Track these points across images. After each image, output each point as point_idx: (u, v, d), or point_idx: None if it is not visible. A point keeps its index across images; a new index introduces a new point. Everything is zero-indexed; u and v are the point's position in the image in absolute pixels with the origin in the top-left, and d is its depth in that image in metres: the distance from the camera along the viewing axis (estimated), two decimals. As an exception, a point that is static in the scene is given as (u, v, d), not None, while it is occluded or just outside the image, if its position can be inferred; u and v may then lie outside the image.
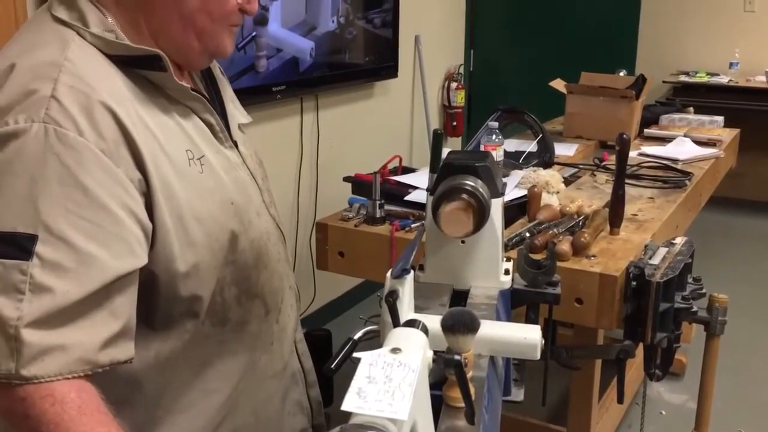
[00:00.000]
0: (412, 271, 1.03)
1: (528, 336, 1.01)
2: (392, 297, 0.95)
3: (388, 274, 1.02)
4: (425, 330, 0.75)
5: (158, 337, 1.01)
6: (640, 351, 1.65)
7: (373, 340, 1.03)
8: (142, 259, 0.92)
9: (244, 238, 1.07)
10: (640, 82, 2.95)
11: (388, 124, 3.75)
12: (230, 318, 1.08)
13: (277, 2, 2.74)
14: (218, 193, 1.03)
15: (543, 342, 1.03)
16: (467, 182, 1.19)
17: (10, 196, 0.85)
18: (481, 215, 1.18)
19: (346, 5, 3.18)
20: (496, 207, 1.24)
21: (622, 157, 1.81)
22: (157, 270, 0.96)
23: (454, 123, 4.27)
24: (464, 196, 1.17)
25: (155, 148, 0.95)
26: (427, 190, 1.31)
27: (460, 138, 4.38)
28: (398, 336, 0.71)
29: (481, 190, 1.19)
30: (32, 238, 0.83)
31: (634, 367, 2.05)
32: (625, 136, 1.79)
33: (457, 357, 0.72)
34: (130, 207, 0.90)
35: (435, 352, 0.76)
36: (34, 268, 0.83)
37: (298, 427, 1.26)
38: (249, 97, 2.69)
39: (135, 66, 0.97)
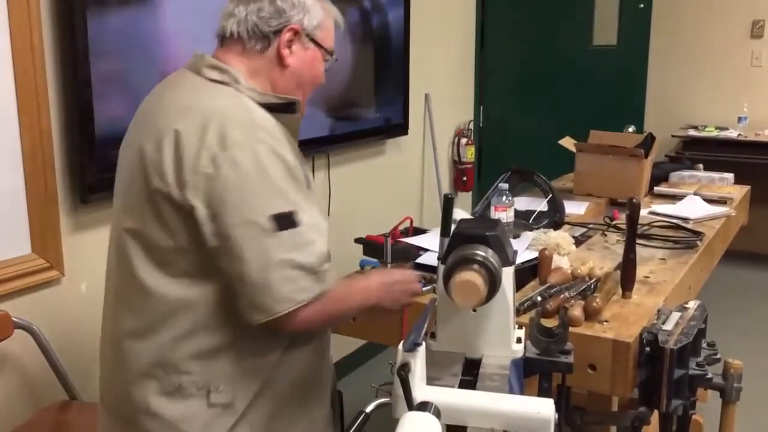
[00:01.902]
0: (423, 343, 1.03)
1: (541, 411, 1.00)
2: (404, 370, 0.95)
3: (400, 346, 1.02)
4: (437, 413, 0.75)
5: None
6: (655, 416, 1.63)
7: (385, 410, 1.03)
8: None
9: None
10: (649, 141, 2.96)
11: (399, 182, 3.78)
12: None
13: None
14: (319, 206, 1.39)
15: (556, 416, 1.02)
16: (478, 252, 1.20)
17: (264, 189, 1.23)
18: (492, 285, 1.18)
19: (357, 63, 3.24)
20: (507, 276, 1.25)
21: (633, 221, 1.81)
22: None
23: (465, 178, 4.29)
24: (475, 266, 1.18)
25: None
26: (438, 258, 1.32)
27: (470, 193, 4.40)
28: (411, 422, 0.71)
29: (491, 259, 1.20)
30: (293, 213, 1.24)
31: None
32: (635, 200, 1.80)
33: (470, 443, 0.72)
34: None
35: (447, 435, 0.76)
36: (305, 230, 1.25)
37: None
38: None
39: (275, 111, 1.33)
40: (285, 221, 1.22)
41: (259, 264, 1.21)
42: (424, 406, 0.74)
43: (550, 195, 2.49)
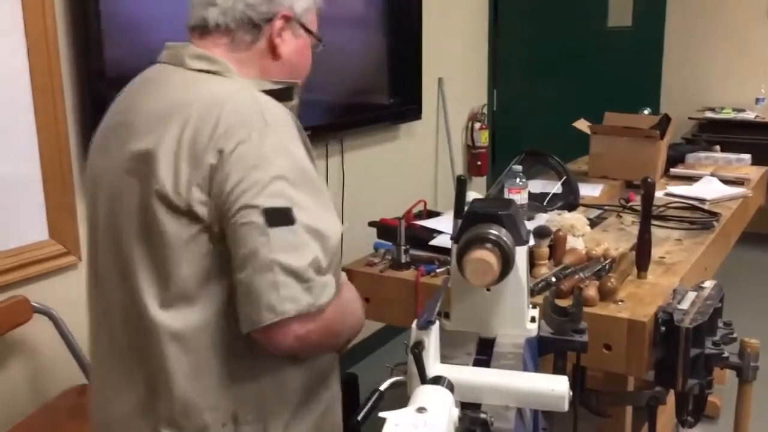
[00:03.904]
0: (437, 321, 1.03)
1: (555, 387, 1.00)
2: (418, 348, 0.95)
3: (414, 324, 1.02)
4: (451, 387, 0.75)
5: None
6: (671, 396, 1.62)
7: (400, 389, 1.03)
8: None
9: None
10: (665, 122, 2.94)
11: (413, 166, 3.77)
12: None
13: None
14: None
15: (571, 393, 1.02)
16: (491, 231, 1.19)
17: (262, 182, 1.09)
18: (505, 264, 1.18)
19: (370, 49, 3.24)
20: (521, 254, 1.24)
21: (648, 200, 1.80)
22: None
23: (479, 163, 4.28)
24: (488, 245, 1.17)
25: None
26: (452, 238, 1.32)
27: (484, 177, 4.39)
28: (424, 394, 0.71)
29: (505, 238, 1.19)
30: (290, 210, 1.09)
31: (666, 413, 2.01)
32: (649, 179, 1.79)
33: (483, 415, 0.72)
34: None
35: (462, 409, 0.76)
36: (300, 230, 1.08)
37: None
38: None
39: (274, 98, 1.21)
40: (277, 217, 1.08)
41: (243, 263, 1.08)
42: (437, 380, 0.74)
43: (565, 177, 2.48)
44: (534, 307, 1.33)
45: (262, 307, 1.06)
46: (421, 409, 0.66)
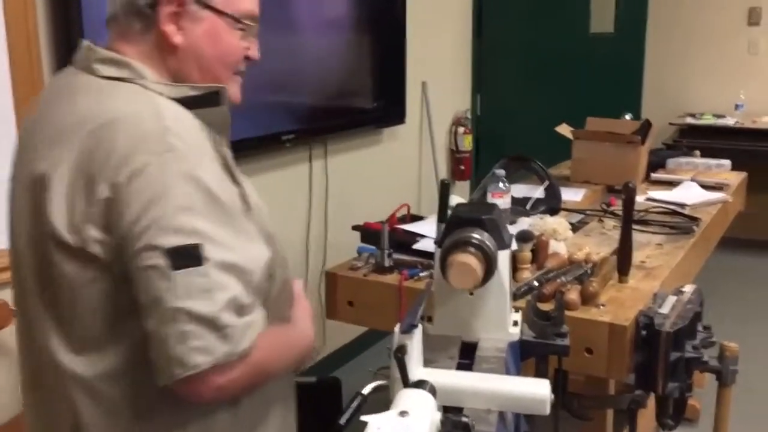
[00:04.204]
0: (420, 325, 1.04)
1: (537, 391, 1.01)
2: (401, 352, 0.95)
3: (397, 328, 1.03)
4: (433, 391, 0.75)
5: None
6: (652, 400, 1.64)
7: (382, 393, 1.04)
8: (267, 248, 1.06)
9: (276, 247, 1.15)
10: (646, 127, 2.97)
11: (397, 170, 3.78)
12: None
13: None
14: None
15: (552, 397, 1.02)
16: (474, 235, 1.20)
17: (163, 217, 0.95)
18: (488, 267, 1.19)
19: (354, 52, 3.24)
20: (504, 259, 1.25)
21: (629, 205, 1.82)
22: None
23: (462, 167, 4.29)
24: (471, 248, 1.18)
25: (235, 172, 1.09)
26: (435, 242, 1.32)
27: (468, 182, 4.40)
28: (406, 398, 0.71)
29: (487, 242, 1.20)
30: (196, 247, 0.95)
31: (647, 416, 2.03)
32: (630, 184, 1.80)
33: (464, 419, 0.72)
34: (243, 210, 1.05)
35: (444, 413, 0.77)
36: (209, 269, 0.95)
37: None
38: (258, 145, 2.73)
39: (195, 106, 1.06)
40: (183, 257, 0.94)
41: (148, 312, 0.96)
42: (419, 384, 0.75)
43: (547, 182, 2.50)
44: (516, 311, 1.34)
45: (172, 360, 0.95)
46: (403, 413, 0.66)
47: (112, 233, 0.97)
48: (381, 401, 0.97)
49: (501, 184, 2.21)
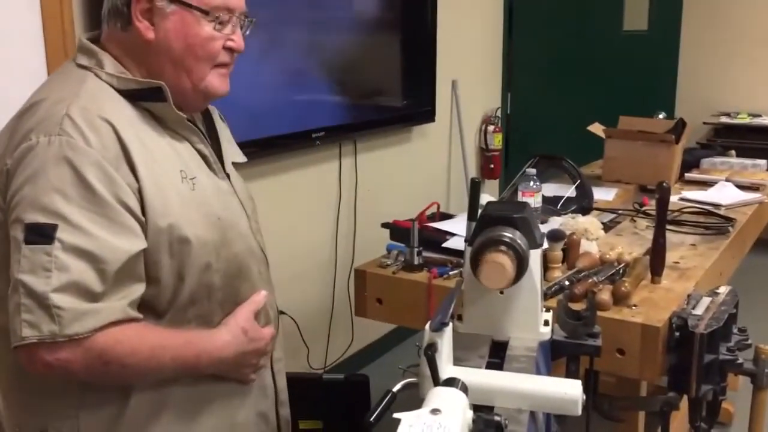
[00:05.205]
0: (450, 324, 1.03)
1: (568, 391, 1.00)
2: (431, 350, 0.95)
3: (427, 326, 1.02)
4: (465, 389, 0.75)
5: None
6: (685, 402, 1.61)
7: (412, 391, 1.03)
8: (144, 243, 1.08)
9: (226, 250, 1.20)
10: (680, 126, 2.92)
11: (426, 169, 3.77)
12: (214, 321, 1.21)
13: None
14: (205, 207, 1.18)
15: (584, 397, 1.01)
16: (506, 234, 1.19)
17: (34, 194, 1.03)
18: (520, 266, 1.18)
19: (383, 50, 3.24)
20: (535, 258, 1.24)
21: (663, 205, 1.79)
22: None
23: (492, 166, 4.27)
24: (503, 247, 1.17)
25: (150, 162, 1.11)
26: (466, 240, 1.31)
27: (497, 180, 4.38)
28: (438, 396, 0.71)
29: (519, 241, 1.19)
30: (53, 227, 1.01)
31: (679, 418, 2.00)
32: (665, 184, 1.78)
33: (497, 418, 0.72)
34: (127, 203, 1.07)
35: (475, 412, 0.76)
36: (56, 250, 1.00)
37: None
38: (289, 142, 2.74)
39: (141, 99, 1.14)
40: (36, 234, 1.01)
41: (8, 278, 1.04)
42: (451, 382, 0.74)
43: (579, 181, 2.47)
44: (547, 310, 1.32)
45: (11, 328, 1.02)
46: (435, 411, 0.66)
47: (5, 200, 1.07)
48: (410, 399, 0.97)
49: (532, 183, 2.19)
